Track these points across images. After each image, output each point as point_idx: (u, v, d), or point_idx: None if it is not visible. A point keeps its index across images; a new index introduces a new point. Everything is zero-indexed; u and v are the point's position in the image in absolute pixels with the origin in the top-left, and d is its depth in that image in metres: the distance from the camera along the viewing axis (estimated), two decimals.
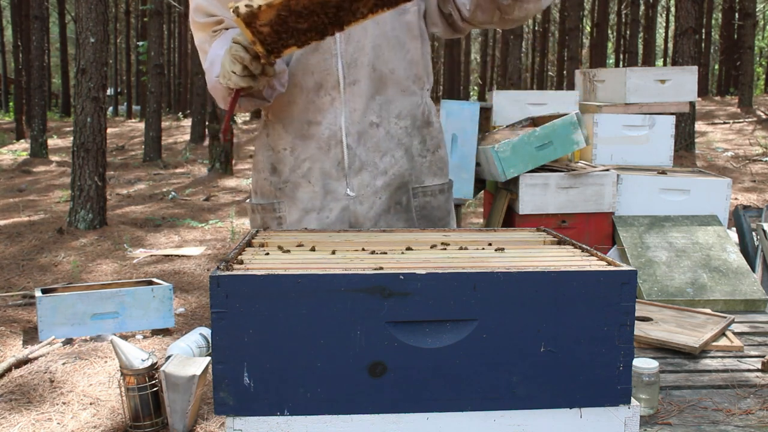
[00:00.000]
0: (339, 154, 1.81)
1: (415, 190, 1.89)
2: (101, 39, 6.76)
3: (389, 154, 1.85)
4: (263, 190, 1.93)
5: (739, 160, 10.66)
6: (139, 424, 2.99)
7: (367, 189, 1.83)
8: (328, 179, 1.83)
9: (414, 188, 1.88)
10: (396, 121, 1.85)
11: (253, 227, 1.93)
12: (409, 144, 1.87)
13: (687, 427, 1.68)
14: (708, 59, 26.70)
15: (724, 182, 3.65)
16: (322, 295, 1.08)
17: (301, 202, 1.85)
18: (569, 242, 1.42)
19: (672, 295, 3.00)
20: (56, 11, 27.56)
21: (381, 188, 1.84)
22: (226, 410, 1.10)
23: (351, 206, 1.83)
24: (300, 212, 1.85)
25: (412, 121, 1.88)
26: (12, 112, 22.88)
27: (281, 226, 1.88)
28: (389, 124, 1.84)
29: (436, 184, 1.93)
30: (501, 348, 1.11)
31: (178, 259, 6.03)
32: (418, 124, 1.89)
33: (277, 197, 1.89)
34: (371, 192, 1.83)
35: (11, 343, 3.97)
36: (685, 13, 10.24)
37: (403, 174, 1.86)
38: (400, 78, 1.83)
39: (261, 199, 1.94)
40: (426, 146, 1.91)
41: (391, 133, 1.85)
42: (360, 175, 1.82)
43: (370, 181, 1.83)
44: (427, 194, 1.91)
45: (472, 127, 3.80)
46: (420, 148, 1.90)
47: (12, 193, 10.02)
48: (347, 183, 1.82)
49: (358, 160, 1.82)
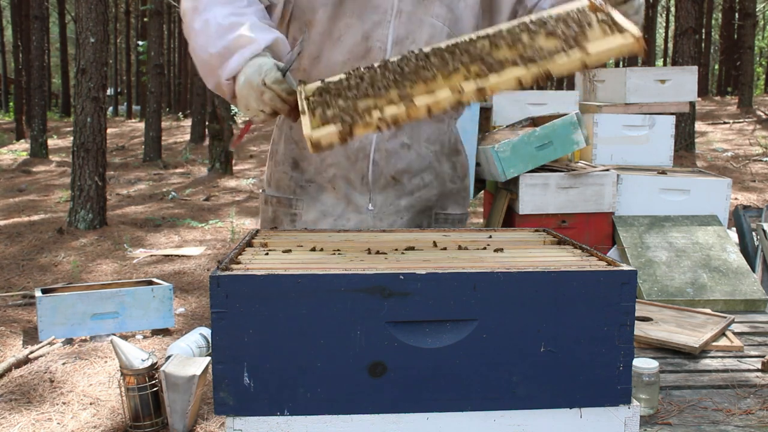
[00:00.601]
0: (364, 168, 1.78)
1: (437, 215, 1.87)
2: (101, 39, 6.77)
3: (419, 176, 1.83)
4: (280, 183, 1.87)
5: (739, 160, 10.66)
6: (139, 424, 2.99)
7: (390, 207, 1.81)
8: (352, 190, 1.80)
9: (437, 213, 1.87)
10: (426, 145, 1.83)
11: (263, 219, 1.90)
12: (439, 169, 1.86)
13: (687, 427, 1.68)
14: (708, 59, 26.69)
15: (724, 182, 3.65)
16: (322, 295, 1.08)
17: (322, 205, 1.82)
18: (569, 242, 1.42)
19: (672, 295, 3.00)
20: (56, 11, 27.56)
21: (404, 208, 1.82)
22: (226, 410, 1.10)
23: (369, 220, 1.81)
24: (318, 214, 1.82)
25: (440, 147, 1.86)
26: (12, 112, 22.88)
27: (294, 223, 1.84)
28: (420, 147, 1.81)
29: (458, 213, 1.92)
30: (501, 348, 1.11)
31: (178, 259, 6.03)
32: (447, 151, 1.88)
33: (295, 194, 1.85)
34: (393, 210, 1.82)
35: (11, 343, 3.97)
36: (685, 13, 10.24)
37: (430, 198, 1.85)
38: None
39: (277, 192, 1.88)
40: (457, 173, 1.90)
41: (422, 155, 1.82)
42: (384, 192, 1.80)
43: (394, 200, 1.81)
44: (448, 221, 1.90)
45: (472, 127, 3.79)
46: (451, 174, 1.89)
47: (12, 193, 10.01)
48: (370, 198, 1.80)
49: (384, 178, 1.79)
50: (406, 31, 1.71)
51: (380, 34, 1.70)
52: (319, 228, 1.80)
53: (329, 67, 1.69)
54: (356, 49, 1.70)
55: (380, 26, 1.69)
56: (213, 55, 1.52)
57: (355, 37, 1.69)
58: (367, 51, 1.70)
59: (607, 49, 1.35)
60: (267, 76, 1.45)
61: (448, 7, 1.74)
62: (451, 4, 1.74)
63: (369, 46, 1.70)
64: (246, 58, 1.48)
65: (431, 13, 1.72)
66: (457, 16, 1.76)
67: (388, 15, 1.69)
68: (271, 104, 1.46)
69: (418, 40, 1.70)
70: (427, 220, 1.86)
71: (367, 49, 1.70)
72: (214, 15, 1.53)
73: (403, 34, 1.71)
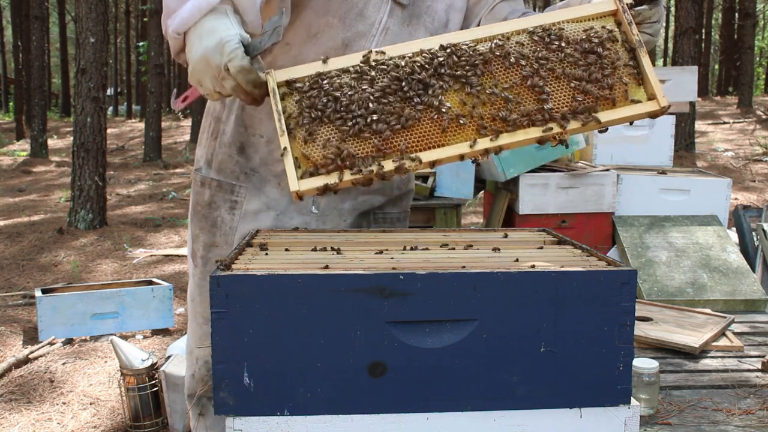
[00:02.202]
0: None
1: (376, 215, 1.84)
2: (101, 39, 6.77)
3: None
4: (223, 165, 1.76)
5: (739, 160, 10.66)
6: (139, 424, 2.99)
7: (333, 211, 1.77)
8: None
9: (375, 213, 1.84)
10: None
11: (197, 201, 1.80)
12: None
13: (687, 427, 1.68)
14: (708, 59, 26.69)
15: (724, 182, 3.65)
16: (322, 295, 1.08)
17: (265, 197, 1.74)
18: (569, 242, 1.42)
19: (672, 295, 3.00)
20: (56, 11, 27.56)
21: (347, 211, 1.78)
22: (226, 410, 1.10)
23: (313, 223, 1.75)
24: (260, 205, 1.74)
25: None
26: (12, 112, 22.87)
27: (233, 210, 1.75)
28: None
29: (396, 212, 1.88)
30: (501, 348, 1.11)
31: (178, 259, 6.03)
32: None
33: (239, 180, 1.74)
34: (336, 213, 1.77)
35: (11, 343, 3.97)
36: (685, 13, 10.24)
37: (373, 203, 1.82)
38: None
39: (218, 175, 1.77)
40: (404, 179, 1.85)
41: None
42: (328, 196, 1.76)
43: (338, 204, 1.76)
44: (387, 220, 1.86)
45: None
46: (399, 182, 1.84)
47: (12, 193, 10.01)
48: (314, 200, 1.74)
49: None
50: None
51: (361, 47, 1.61)
52: (260, 221, 1.73)
53: (299, 60, 1.57)
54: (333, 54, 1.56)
55: (363, 38, 1.62)
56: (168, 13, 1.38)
57: (334, 41, 1.60)
58: None
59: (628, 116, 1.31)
60: (231, 62, 1.30)
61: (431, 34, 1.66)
62: (435, 32, 1.68)
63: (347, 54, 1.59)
64: (202, 10, 1.33)
65: (415, 36, 1.66)
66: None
67: (373, 29, 1.62)
68: (230, 92, 1.34)
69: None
70: (366, 220, 1.83)
71: None
72: None
73: None
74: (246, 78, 1.32)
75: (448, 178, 3.74)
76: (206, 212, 1.78)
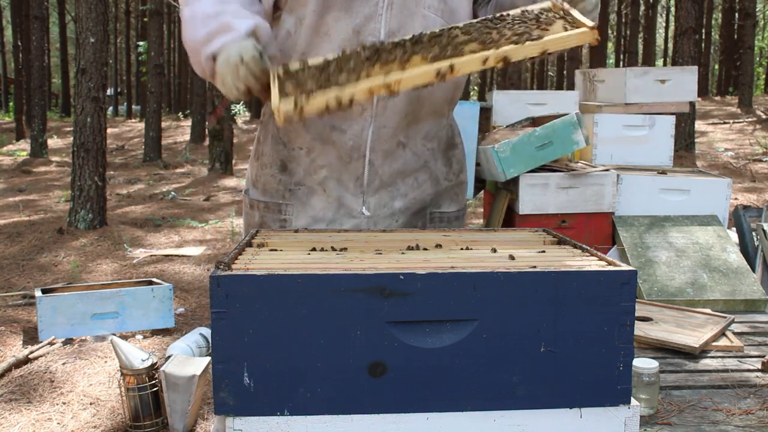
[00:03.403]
0: (360, 169, 1.70)
1: (432, 215, 1.80)
2: (101, 39, 6.77)
3: (413, 177, 1.75)
4: (268, 186, 1.79)
5: (739, 160, 10.66)
6: (139, 424, 2.99)
7: (384, 210, 1.73)
8: (345, 193, 1.72)
9: (431, 213, 1.80)
10: (423, 143, 1.75)
11: (249, 224, 1.83)
12: (434, 167, 1.78)
13: (687, 427, 1.68)
14: (708, 59, 26.69)
15: (724, 182, 3.65)
16: (322, 295, 1.08)
17: (312, 210, 1.74)
18: (569, 242, 1.42)
19: (672, 295, 3.00)
20: (56, 11, 27.56)
21: (399, 211, 1.75)
22: (226, 410, 1.10)
23: (364, 225, 1.72)
24: (309, 219, 1.74)
25: (438, 144, 1.79)
26: (12, 112, 22.87)
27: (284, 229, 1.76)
28: (416, 145, 1.74)
29: (453, 210, 1.85)
30: (501, 348, 1.11)
31: (178, 259, 6.03)
32: (443, 146, 1.81)
33: (285, 198, 1.76)
34: (388, 213, 1.74)
35: (11, 343, 3.97)
36: (685, 13, 10.24)
37: (424, 199, 1.78)
38: (437, 99, 1.74)
39: (264, 196, 1.80)
40: (452, 169, 1.83)
41: (418, 154, 1.75)
42: (378, 195, 1.72)
43: (388, 202, 1.73)
44: (444, 220, 1.83)
45: (472, 127, 3.79)
46: (445, 172, 1.81)
47: (12, 193, 10.02)
48: (364, 201, 1.72)
49: (379, 179, 1.72)
50: (398, 23, 1.65)
51: (372, 28, 1.65)
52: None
53: None
54: (347, 44, 1.63)
55: (372, 20, 1.64)
56: (198, 41, 1.57)
57: (346, 32, 1.64)
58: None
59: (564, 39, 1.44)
60: (245, 54, 1.49)
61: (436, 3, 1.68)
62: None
63: (361, 40, 1.64)
64: (227, 43, 1.53)
65: (423, 4, 1.66)
66: (452, 8, 1.70)
67: (379, 8, 1.64)
68: (244, 80, 1.49)
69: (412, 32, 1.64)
70: (422, 220, 1.79)
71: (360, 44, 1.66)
72: (201, 5, 1.59)
73: (395, 27, 1.65)
74: (256, 65, 1.49)
75: None
76: None
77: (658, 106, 4.12)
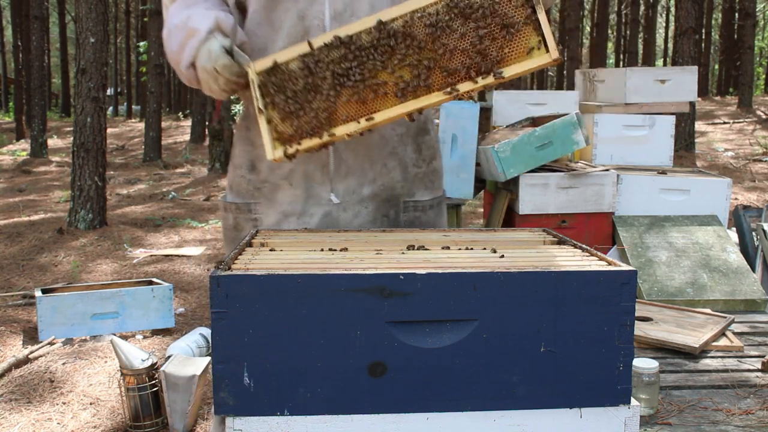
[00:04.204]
0: (325, 157, 1.68)
1: (406, 204, 1.77)
2: (101, 39, 6.76)
3: (380, 162, 1.72)
4: (239, 187, 1.79)
5: (739, 160, 10.66)
6: (139, 424, 2.99)
7: (353, 196, 1.71)
8: (311, 182, 1.70)
9: (405, 202, 1.77)
10: (391, 127, 1.70)
11: (225, 227, 1.83)
12: (403, 153, 1.75)
13: (687, 427, 1.68)
14: (708, 59, 26.70)
15: (724, 182, 3.65)
16: (322, 295, 1.08)
17: (280, 205, 1.73)
18: (569, 242, 1.42)
19: (672, 295, 3.00)
20: (56, 11, 27.57)
21: (367, 197, 1.72)
22: (226, 410, 1.10)
23: (334, 213, 1.71)
24: (278, 215, 1.73)
25: (407, 128, 1.75)
26: (12, 112, 22.88)
27: (256, 228, 1.73)
28: (384, 128, 1.69)
29: (428, 199, 1.81)
30: (501, 348, 1.11)
31: (178, 259, 6.03)
32: (413, 132, 1.77)
33: (254, 197, 1.76)
34: (357, 200, 1.71)
35: (11, 343, 3.97)
36: (685, 13, 10.24)
37: (393, 186, 1.75)
38: None
39: (236, 198, 1.80)
40: (421, 156, 1.79)
41: (386, 138, 1.71)
42: (346, 181, 1.70)
43: (357, 188, 1.71)
44: (418, 209, 1.79)
45: (472, 127, 3.80)
46: (415, 158, 1.77)
47: (12, 193, 10.02)
48: (332, 188, 1.70)
49: (345, 165, 1.69)
50: (343, 4, 1.62)
51: (316, 11, 1.62)
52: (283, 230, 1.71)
53: None
54: (293, 31, 1.62)
55: (315, 2, 1.62)
56: (175, 53, 1.63)
57: (292, 19, 1.63)
58: (305, 32, 1.62)
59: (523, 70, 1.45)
60: (216, 62, 1.54)
61: None
62: None
63: (306, 25, 1.62)
64: (195, 48, 1.57)
65: None
66: None
67: None
68: (226, 86, 1.56)
69: (359, 12, 1.62)
70: (394, 209, 1.76)
71: (305, 30, 1.62)
72: (172, 20, 1.65)
73: (341, 8, 1.61)
74: (230, 72, 1.55)
75: (449, 178, 3.74)
76: (234, 235, 1.80)
77: (658, 106, 4.12)
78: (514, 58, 1.45)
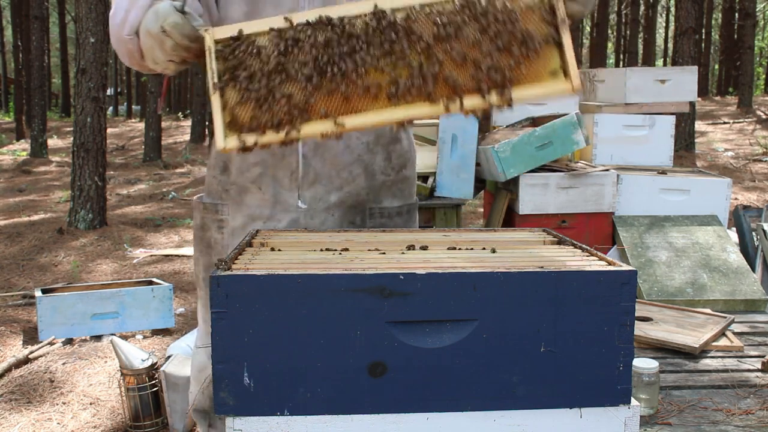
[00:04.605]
0: (293, 164, 1.69)
1: (372, 210, 1.78)
2: (101, 39, 6.76)
3: (346, 170, 1.72)
4: (210, 188, 1.80)
5: (739, 160, 10.66)
6: (139, 424, 2.99)
7: (320, 203, 1.72)
8: (279, 188, 1.71)
9: (371, 208, 1.77)
10: (357, 136, 1.70)
11: (194, 226, 1.84)
12: (370, 161, 1.75)
13: (687, 427, 1.68)
14: (708, 59, 26.69)
15: (724, 182, 3.64)
16: (322, 295, 1.08)
17: (247, 208, 1.73)
18: (569, 242, 1.42)
19: (672, 295, 3.00)
20: (56, 11, 27.55)
21: (334, 205, 1.73)
22: (226, 410, 1.10)
23: (302, 219, 1.71)
24: (245, 218, 1.74)
25: (375, 138, 1.74)
26: (12, 112, 22.87)
27: (221, 229, 1.76)
28: (349, 137, 1.69)
29: (395, 206, 1.81)
30: (501, 348, 1.11)
31: (178, 259, 6.03)
32: (384, 141, 1.76)
33: (222, 198, 1.76)
34: (323, 207, 1.72)
35: (11, 343, 3.97)
36: (685, 13, 10.24)
37: (359, 192, 1.75)
38: None
39: (207, 198, 1.81)
40: (391, 164, 1.78)
41: (351, 147, 1.71)
42: (313, 188, 1.71)
43: (323, 195, 1.72)
44: (384, 215, 1.79)
45: (472, 127, 3.79)
46: (384, 166, 1.77)
47: (12, 193, 10.01)
48: (299, 194, 1.71)
49: (313, 172, 1.70)
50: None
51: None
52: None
53: None
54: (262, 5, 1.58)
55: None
56: (117, 26, 1.46)
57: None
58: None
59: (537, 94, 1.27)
60: (166, 21, 1.35)
61: None
62: None
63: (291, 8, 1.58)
64: (144, 8, 1.41)
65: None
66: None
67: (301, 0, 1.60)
68: (174, 52, 1.37)
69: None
70: (360, 216, 1.76)
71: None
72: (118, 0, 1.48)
73: None
74: (181, 32, 1.35)
75: (448, 178, 3.74)
76: (201, 235, 1.81)
77: (658, 106, 4.11)
78: (530, 79, 1.27)
